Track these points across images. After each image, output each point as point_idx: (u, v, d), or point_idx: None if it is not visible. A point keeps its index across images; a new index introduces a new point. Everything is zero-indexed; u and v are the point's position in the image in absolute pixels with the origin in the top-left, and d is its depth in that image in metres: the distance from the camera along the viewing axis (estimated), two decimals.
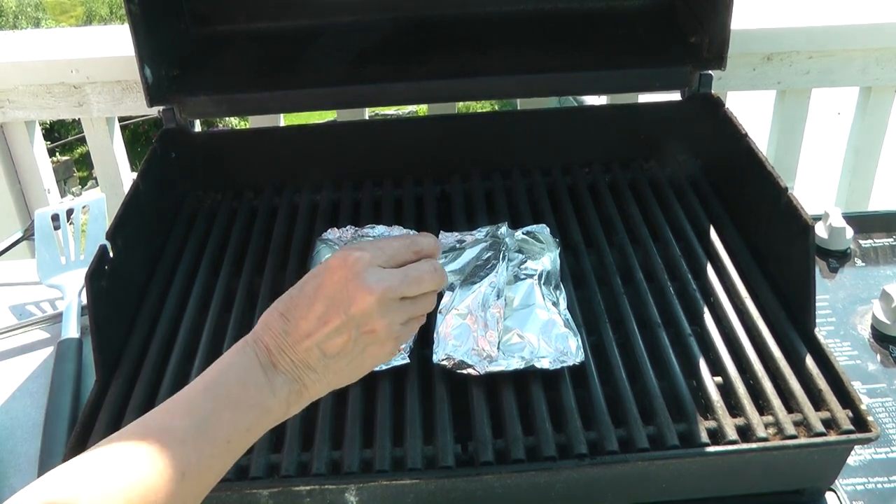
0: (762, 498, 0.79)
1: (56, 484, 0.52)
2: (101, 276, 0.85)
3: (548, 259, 0.91)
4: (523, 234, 0.96)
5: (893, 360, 0.93)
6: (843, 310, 1.01)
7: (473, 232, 0.97)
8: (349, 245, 0.72)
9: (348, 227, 1.01)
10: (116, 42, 1.40)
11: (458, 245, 0.95)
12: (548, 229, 0.99)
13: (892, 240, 1.12)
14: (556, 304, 0.86)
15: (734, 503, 0.78)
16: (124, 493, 0.52)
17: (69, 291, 1.07)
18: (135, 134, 11.12)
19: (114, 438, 0.56)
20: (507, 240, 0.92)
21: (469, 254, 0.92)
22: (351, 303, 0.60)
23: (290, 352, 0.61)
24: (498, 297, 0.84)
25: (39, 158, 1.55)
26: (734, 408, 0.79)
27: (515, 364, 0.81)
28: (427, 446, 0.76)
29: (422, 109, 1.78)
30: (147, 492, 0.53)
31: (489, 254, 0.91)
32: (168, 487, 0.53)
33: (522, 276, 0.88)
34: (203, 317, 0.94)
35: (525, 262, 0.90)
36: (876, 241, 1.12)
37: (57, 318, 1.06)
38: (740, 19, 1.19)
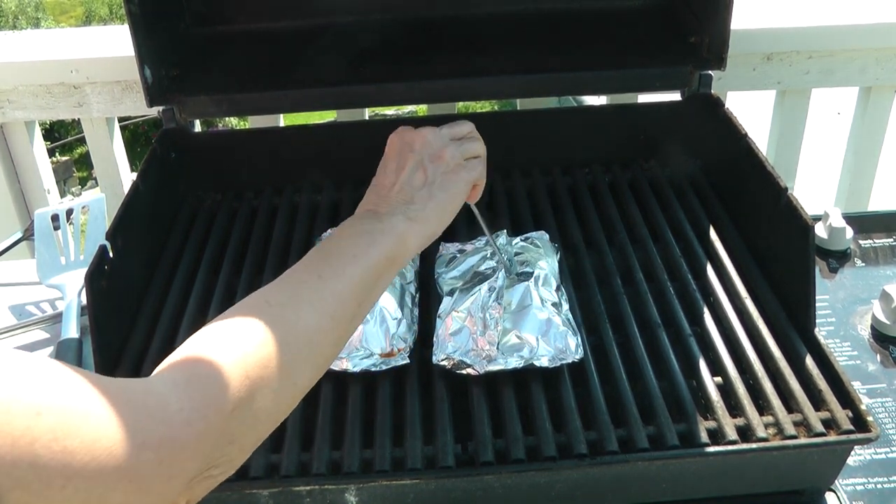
0: (762, 498, 0.79)
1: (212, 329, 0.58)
2: (101, 276, 0.85)
3: (545, 263, 0.91)
4: (521, 240, 0.96)
5: (893, 360, 0.93)
6: (843, 310, 1.00)
7: (474, 241, 0.97)
8: None
9: None
10: (116, 42, 1.39)
11: (458, 255, 0.96)
12: (547, 236, 0.99)
13: (892, 240, 1.12)
14: (556, 305, 0.86)
15: (734, 503, 0.78)
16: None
17: (69, 291, 1.07)
18: (135, 134, 11.11)
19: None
20: (507, 247, 0.92)
21: (469, 261, 0.93)
22: (412, 144, 0.76)
23: (385, 200, 0.73)
24: (497, 299, 0.84)
25: (39, 158, 1.55)
26: (734, 408, 0.79)
27: (514, 363, 0.81)
28: (427, 446, 0.76)
29: (422, 109, 1.78)
30: (294, 293, 0.62)
31: (488, 260, 0.91)
32: (314, 286, 0.63)
33: (520, 280, 0.88)
34: (203, 317, 0.93)
35: (523, 266, 0.90)
36: (876, 241, 1.12)
37: (57, 318, 1.06)
38: (740, 19, 1.19)
